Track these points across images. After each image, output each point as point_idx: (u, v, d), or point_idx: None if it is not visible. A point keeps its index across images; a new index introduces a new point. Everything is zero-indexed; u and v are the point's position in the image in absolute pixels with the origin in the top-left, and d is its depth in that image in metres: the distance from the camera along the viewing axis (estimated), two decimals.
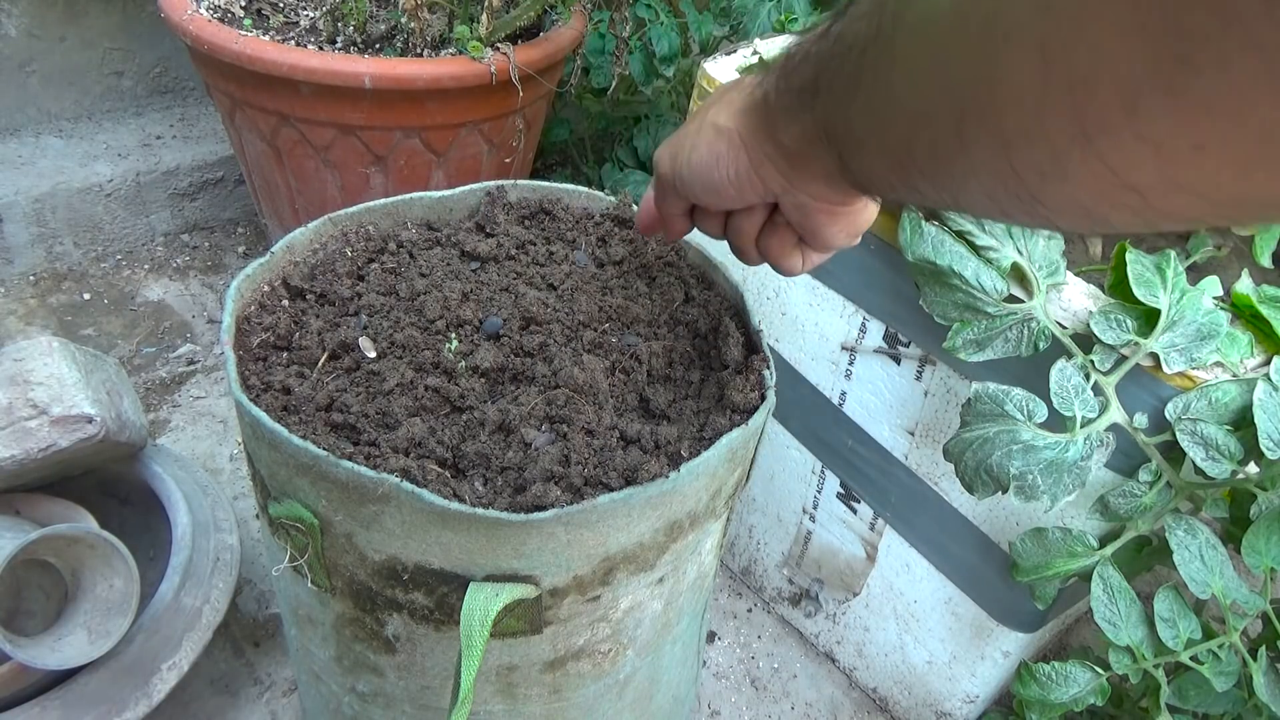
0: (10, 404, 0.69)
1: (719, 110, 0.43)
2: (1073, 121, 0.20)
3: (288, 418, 0.48)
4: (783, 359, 0.86)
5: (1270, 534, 0.62)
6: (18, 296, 1.31)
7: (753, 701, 0.93)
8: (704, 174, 0.44)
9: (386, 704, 0.55)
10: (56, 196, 1.33)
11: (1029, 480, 0.61)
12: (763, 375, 0.53)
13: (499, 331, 0.55)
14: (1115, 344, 0.62)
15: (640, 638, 0.54)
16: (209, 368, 1.24)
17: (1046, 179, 0.23)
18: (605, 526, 0.45)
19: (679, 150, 0.46)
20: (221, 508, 0.86)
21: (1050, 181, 0.23)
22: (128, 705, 0.69)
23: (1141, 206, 0.21)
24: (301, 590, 0.52)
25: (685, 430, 0.51)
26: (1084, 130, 0.20)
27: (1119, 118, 0.19)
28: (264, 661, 0.88)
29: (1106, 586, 0.67)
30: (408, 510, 0.43)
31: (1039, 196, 0.24)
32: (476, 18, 1.08)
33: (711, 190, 0.44)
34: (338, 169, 1.09)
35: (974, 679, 0.83)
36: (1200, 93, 0.18)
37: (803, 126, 0.37)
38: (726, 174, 0.43)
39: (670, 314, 0.59)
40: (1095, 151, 0.21)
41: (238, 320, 0.54)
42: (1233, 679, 0.66)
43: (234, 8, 1.12)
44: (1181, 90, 0.18)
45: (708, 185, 0.44)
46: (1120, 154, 0.20)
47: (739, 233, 0.47)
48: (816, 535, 0.91)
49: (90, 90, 1.48)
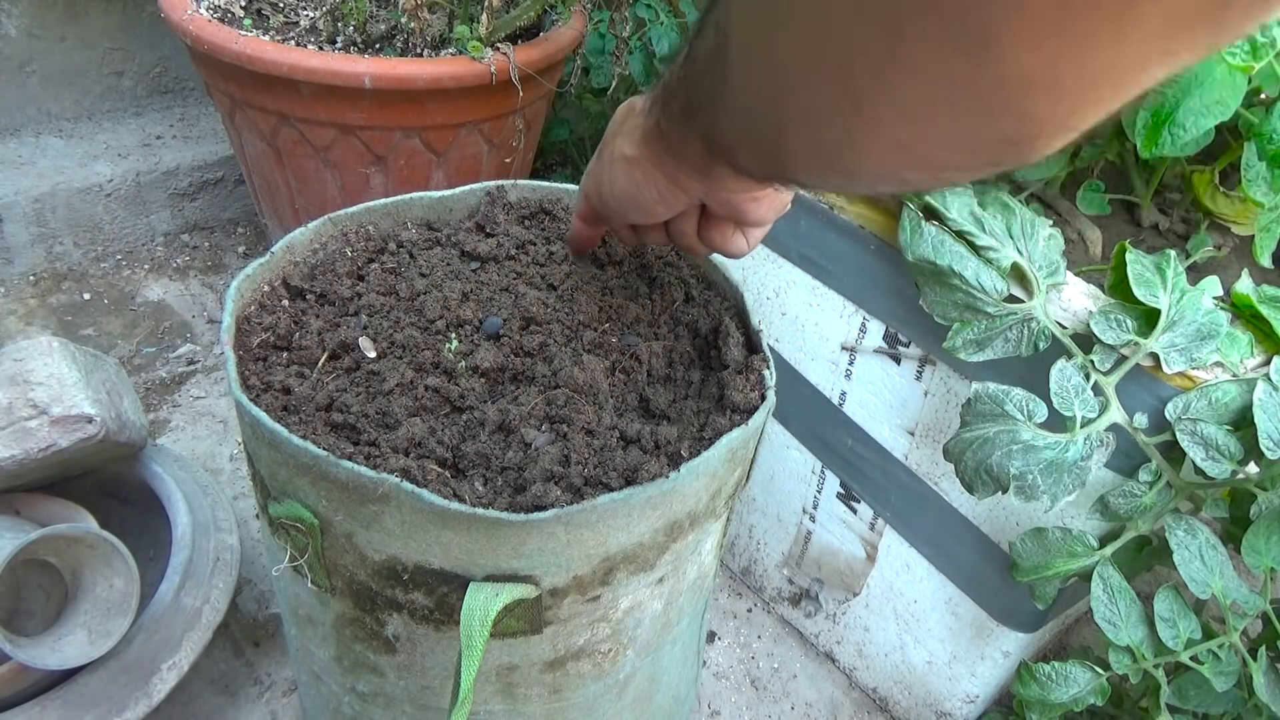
0: (10, 404, 0.69)
1: (623, 141, 0.45)
2: (843, 96, 0.24)
3: (288, 418, 0.48)
4: (783, 359, 0.86)
5: (1270, 534, 0.62)
6: (18, 296, 1.31)
7: (753, 701, 0.93)
8: (630, 199, 0.47)
9: (386, 704, 0.55)
10: (56, 196, 1.33)
11: (1029, 480, 0.61)
12: (763, 375, 0.53)
13: (499, 331, 0.55)
14: (1115, 344, 0.62)
15: (640, 638, 0.54)
16: (209, 368, 1.24)
17: (847, 148, 0.27)
18: (605, 526, 0.45)
19: (601, 182, 0.49)
20: (221, 508, 0.86)
21: (853, 150, 0.27)
22: (128, 705, 0.69)
23: (912, 149, 0.25)
24: (301, 590, 0.52)
25: (685, 430, 0.51)
26: (853, 102, 0.24)
27: (871, 86, 0.23)
28: (264, 661, 0.88)
29: (1106, 586, 0.67)
30: (408, 510, 0.43)
31: (852, 171, 0.28)
32: (476, 18, 1.08)
33: (642, 211, 0.47)
34: (338, 169, 1.09)
35: (974, 679, 0.83)
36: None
37: (695, 145, 0.39)
38: (650, 195, 0.45)
39: (670, 314, 0.59)
40: (865, 118, 0.24)
41: (238, 320, 0.54)
42: (1233, 679, 0.66)
43: (234, 8, 1.12)
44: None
45: (638, 207, 0.47)
46: (881, 116, 0.24)
47: (681, 235, 0.50)
48: (816, 535, 0.91)
49: (90, 90, 1.48)
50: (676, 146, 0.41)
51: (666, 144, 0.42)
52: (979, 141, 0.24)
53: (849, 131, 0.25)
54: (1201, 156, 0.74)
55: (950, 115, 0.23)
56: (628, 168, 0.45)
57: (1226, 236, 0.76)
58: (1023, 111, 0.22)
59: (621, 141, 0.46)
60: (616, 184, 0.47)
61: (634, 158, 0.45)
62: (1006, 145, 0.23)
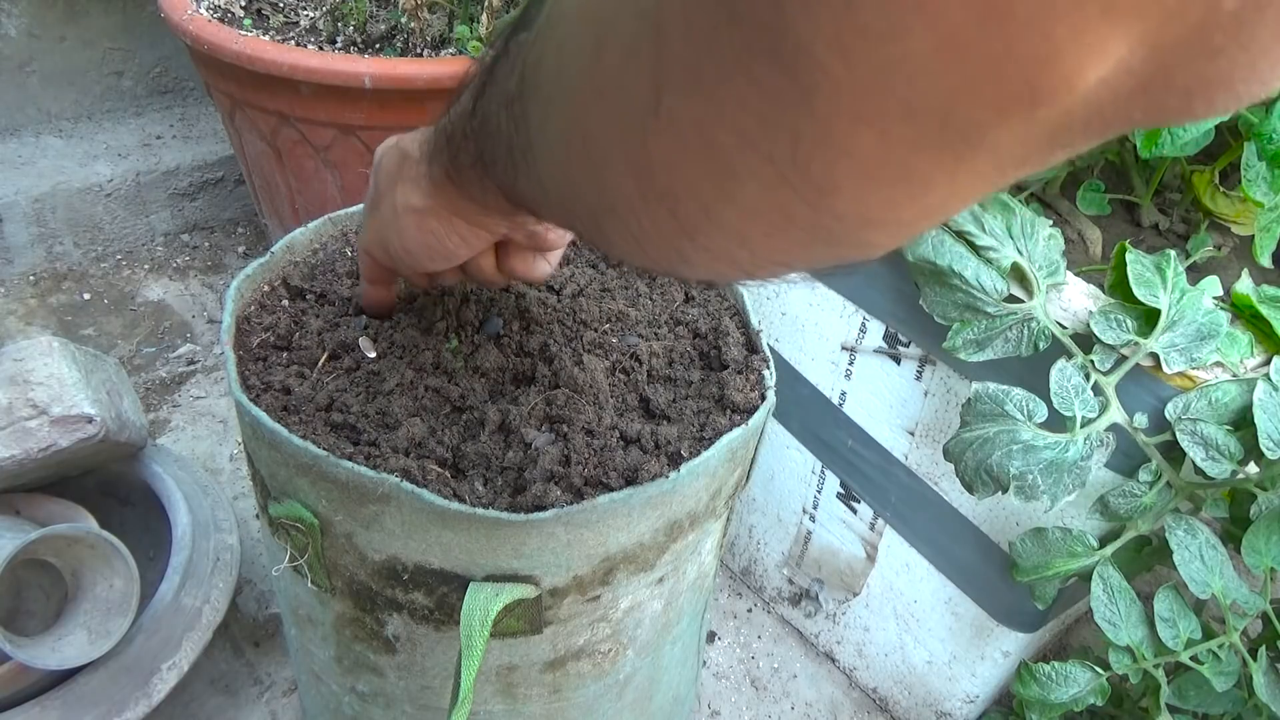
0: (10, 404, 0.69)
1: (406, 191, 0.42)
2: (671, 223, 0.23)
3: (288, 418, 0.48)
4: (783, 359, 0.86)
5: (1270, 534, 0.62)
6: (18, 296, 1.31)
7: (753, 701, 0.93)
8: (427, 252, 0.44)
9: (386, 704, 0.55)
10: (56, 196, 1.33)
11: (1029, 480, 0.61)
12: (763, 375, 0.53)
13: (499, 332, 0.55)
14: (1115, 344, 0.62)
15: (640, 638, 0.54)
16: (209, 368, 1.24)
17: (674, 263, 0.26)
18: (605, 526, 0.45)
19: (387, 239, 0.45)
20: (221, 508, 0.86)
21: (676, 265, 0.26)
22: (128, 705, 0.69)
23: (748, 265, 0.25)
24: (301, 590, 0.52)
25: (685, 430, 0.51)
26: (685, 230, 0.23)
27: (703, 221, 0.23)
28: (264, 661, 0.88)
29: (1106, 586, 0.67)
30: (408, 510, 0.43)
31: (681, 269, 0.26)
32: (476, 17, 1.08)
33: (442, 259, 0.44)
34: (338, 169, 1.09)
35: (974, 679, 0.83)
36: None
37: (494, 194, 0.36)
38: (450, 243, 0.43)
39: (670, 314, 0.59)
40: (699, 245, 0.24)
41: (238, 320, 0.54)
42: (1233, 679, 0.66)
43: (234, 8, 1.12)
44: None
45: (437, 257, 0.44)
46: (714, 243, 0.23)
47: (480, 271, 0.48)
48: (816, 535, 0.91)
49: (90, 90, 1.48)
50: (473, 193, 0.38)
51: (463, 191, 0.39)
52: (818, 259, 0.24)
53: (679, 250, 0.24)
54: (1201, 156, 0.74)
55: (787, 243, 0.22)
56: (419, 219, 0.42)
57: (1226, 236, 0.76)
58: (863, 241, 0.22)
59: (405, 192, 0.42)
60: (408, 238, 0.43)
61: (426, 208, 0.41)
62: (848, 259, 0.23)
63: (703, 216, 0.22)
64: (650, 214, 0.24)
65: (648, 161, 0.22)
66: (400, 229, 0.43)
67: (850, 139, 0.18)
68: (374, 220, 0.46)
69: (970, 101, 0.16)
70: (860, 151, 0.18)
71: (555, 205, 0.31)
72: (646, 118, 0.21)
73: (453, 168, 0.38)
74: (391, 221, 0.43)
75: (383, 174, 0.44)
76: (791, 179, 0.19)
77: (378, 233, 0.46)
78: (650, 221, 0.24)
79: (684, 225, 0.23)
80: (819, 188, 0.19)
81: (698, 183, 0.21)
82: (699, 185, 0.21)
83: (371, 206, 0.46)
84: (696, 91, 0.19)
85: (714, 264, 0.24)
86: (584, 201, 0.27)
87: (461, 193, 0.39)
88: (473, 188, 0.37)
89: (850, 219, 0.20)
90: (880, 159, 0.18)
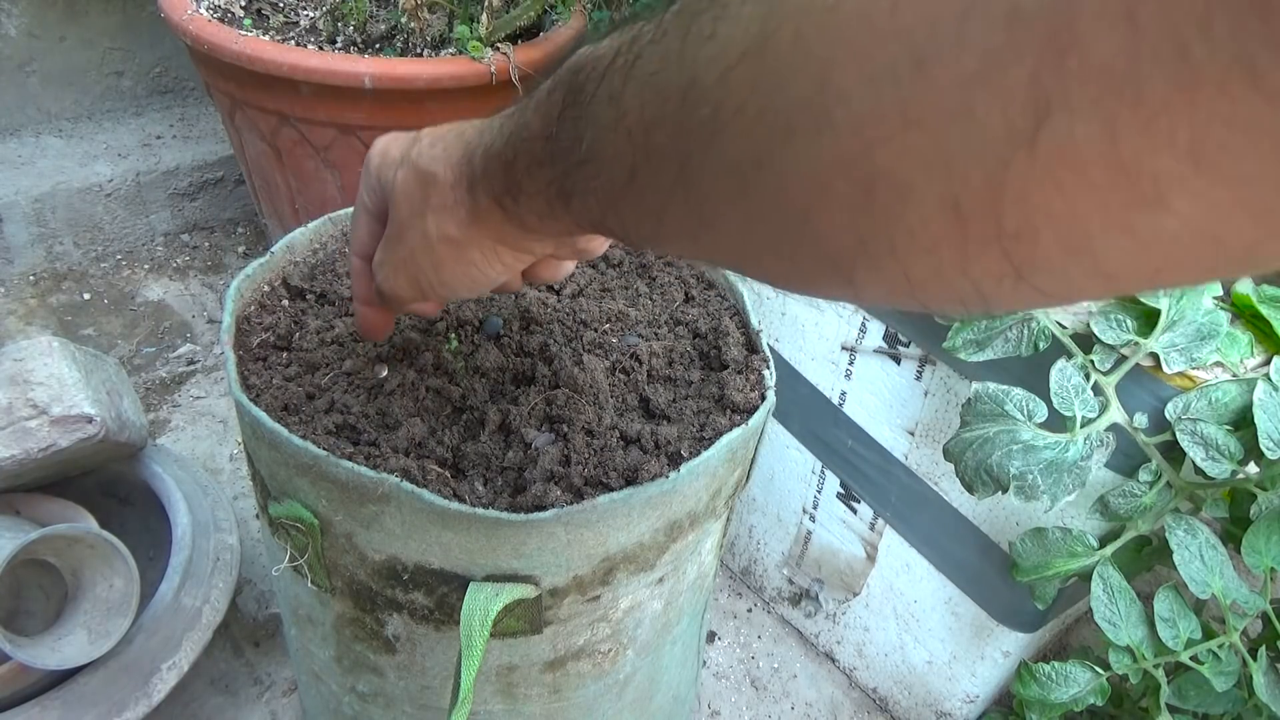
0: (10, 404, 0.69)
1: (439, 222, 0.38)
2: (1005, 265, 0.20)
3: (288, 418, 0.48)
4: (783, 359, 0.86)
5: (1270, 534, 0.62)
6: (18, 296, 1.31)
7: (753, 701, 0.93)
8: (466, 282, 0.40)
9: (386, 704, 0.55)
10: (56, 196, 1.33)
11: (1029, 480, 0.61)
12: (763, 375, 0.53)
13: (499, 332, 0.55)
14: (1115, 344, 0.62)
15: (640, 638, 0.54)
16: (209, 368, 1.24)
17: (967, 302, 0.22)
18: (605, 526, 0.45)
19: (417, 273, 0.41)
20: (221, 508, 0.86)
21: (974, 303, 0.22)
22: (128, 705, 0.69)
23: (1090, 294, 0.21)
24: (301, 590, 0.52)
25: (685, 430, 0.51)
26: (1017, 271, 0.20)
27: (1062, 258, 0.19)
28: (264, 661, 0.88)
29: (1106, 586, 0.67)
30: (408, 510, 0.43)
31: (972, 307, 0.23)
32: (476, 18, 1.08)
33: (483, 286, 0.41)
34: (338, 169, 1.09)
35: (974, 679, 0.83)
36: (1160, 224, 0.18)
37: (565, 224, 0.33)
38: (491, 272, 0.40)
39: (670, 314, 0.59)
40: (1030, 284, 0.20)
41: (238, 320, 0.54)
42: (1233, 679, 0.66)
43: (234, 8, 1.12)
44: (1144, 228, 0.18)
45: (476, 287, 0.41)
46: (1060, 281, 0.20)
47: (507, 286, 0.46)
48: (816, 535, 0.91)
49: (90, 90, 1.48)
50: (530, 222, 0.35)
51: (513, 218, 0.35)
52: (1204, 276, 0.20)
53: (989, 291, 0.21)
54: None
55: (1181, 264, 0.19)
56: (456, 250, 0.38)
57: None
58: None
59: (438, 223, 0.38)
60: (445, 270, 0.39)
61: (466, 238, 0.38)
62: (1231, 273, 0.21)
63: (1062, 255, 0.19)
64: (964, 255, 0.20)
65: (992, 198, 0.18)
66: (436, 262, 0.39)
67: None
68: (397, 253, 0.41)
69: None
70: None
71: (706, 244, 0.27)
72: (1013, 148, 0.17)
73: (508, 196, 0.34)
74: (424, 254, 0.39)
75: (401, 199, 0.39)
76: (1270, 202, 0.16)
77: (404, 266, 0.41)
78: (955, 264, 0.20)
79: (1019, 266, 0.19)
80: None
81: (1080, 220, 0.18)
82: (1081, 223, 0.18)
83: (395, 240, 0.41)
84: (1126, 110, 0.16)
85: (1030, 301, 0.21)
86: (801, 246, 0.23)
87: (510, 219, 0.35)
88: (531, 216, 0.34)
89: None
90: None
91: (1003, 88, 0.17)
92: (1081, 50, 0.15)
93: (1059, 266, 0.19)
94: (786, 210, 0.22)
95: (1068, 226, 0.18)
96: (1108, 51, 0.15)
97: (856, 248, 0.21)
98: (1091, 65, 0.15)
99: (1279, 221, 0.16)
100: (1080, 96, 0.16)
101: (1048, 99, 0.16)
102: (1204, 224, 0.16)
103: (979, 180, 0.18)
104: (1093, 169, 0.16)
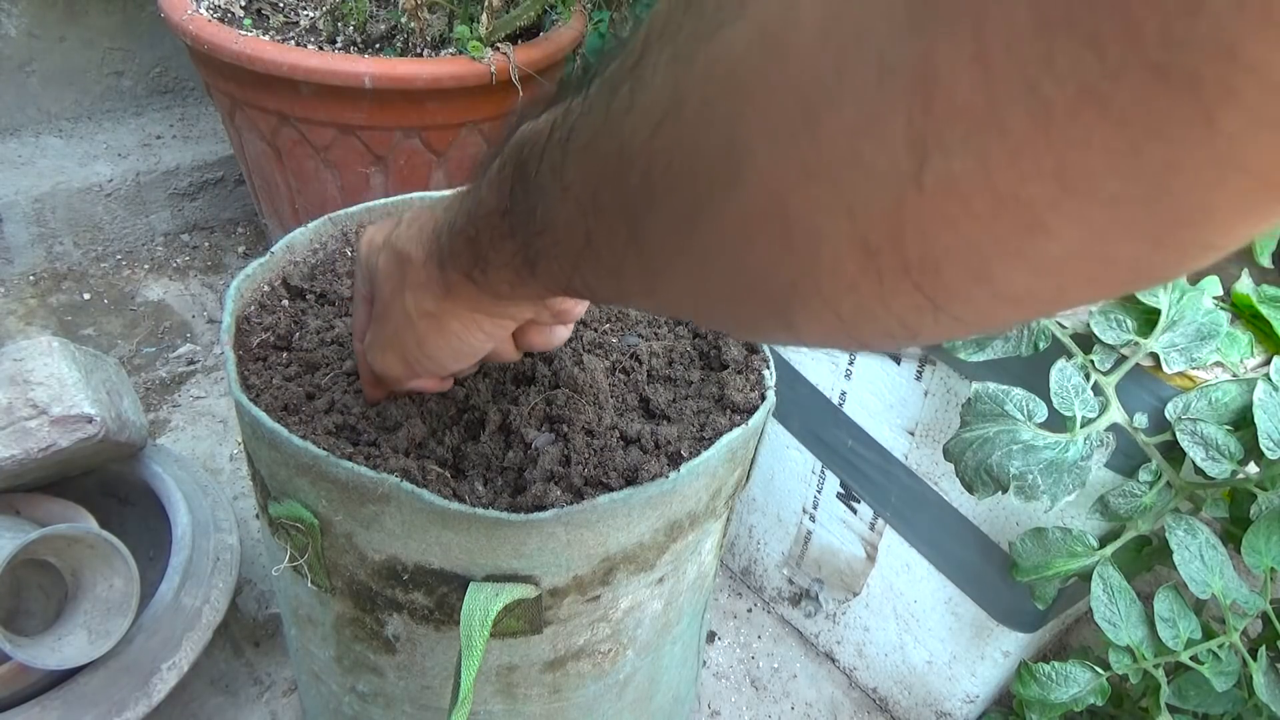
0: (10, 404, 0.69)
1: (416, 298, 0.39)
2: (920, 297, 0.20)
3: (288, 418, 0.48)
4: (783, 359, 0.86)
5: (1270, 534, 0.62)
6: (18, 296, 1.31)
7: (753, 701, 0.93)
8: (452, 354, 0.42)
9: (386, 704, 0.55)
10: (56, 196, 1.33)
11: (1029, 480, 0.61)
12: (763, 375, 0.53)
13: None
14: (1115, 344, 0.62)
15: (640, 638, 0.54)
16: (209, 368, 1.24)
17: (896, 337, 0.23)
18: (605, 526, 0.45)
19: (403, 350, 0.42)
20: (221, 508, 0.86)
21: (903, 337, 0.23)
22: (128, 705, 0.69)
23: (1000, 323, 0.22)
24: (301, 590, 0.52)
25: (685, 430, 0.51)
26: (933, 302, 0.20)
27: (968, 287, 0.20)
28: (264, 661, 0.88)
29: (1106, 586, 0.67)
30: (408, 510, 0.43)
31: (901, 341, 0.24)
32: (476, 17, 1.08)
33: (468, 357, 0.42)
34: (338, 169, 1.09)
35: (974, 679, 0.83)
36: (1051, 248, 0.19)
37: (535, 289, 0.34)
38: (473, 340, 0.41)
39: None
40: (948, 314, 0.21)
41: (238, 320, 0.54)
42: (1233, 679, 0.66)
43: (234, 8, 1.12)
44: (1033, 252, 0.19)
45: (461, 357, 0.42)
46: (974, 309, 0.21)
47: (500, 356, 0.46)
48: (816, 535, 0.91)
49: (90, 90, 1.48)
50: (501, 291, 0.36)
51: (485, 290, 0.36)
52: (1097, 297, 0.22)
53: (911, 325, 0.22)
54: None
55: (1081, 292, 0.20)
56: (436, 324, 0.40)
57: None
58: (1173, 272, 0.19)
59: (415, 299, 0.39)
60: (428, 344, 0.41)
61: (442, 311, 0.39)
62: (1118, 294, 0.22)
63: (968, 284, 0.19)
64: (881, 290, 0.21)
65: (894, 235, 0.19)
66: (419, 337, 0.41)
67: (1253, 152, 0.15)
68: (384, 331, 0.43)
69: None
70: (1259, 165, 0.15)
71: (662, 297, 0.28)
72: (902, 188, 0.18)
73: (476, 269, 0.35)
74: (407, 330, 0.41)
75: (383, 280, 0.41)
76: (1140, 217, 0.16)
77: (391, 344, 0.43)
78: (876, 299, 0.21)
79: (933, 297, 0.20)
80: (1182, 219, 0.17)
81: (975, 249, 0.18)
82: (977, 251, 0.18)
83: (378, 320, 0.43)
84: (994, 144, 0.16)
85: (953, 331, 0.22)
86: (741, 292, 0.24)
87: (483, 290, 0.36)
88: (501, 286, 0.35)
89: (1198, 247, 0.18)
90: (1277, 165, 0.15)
91: (884, 134, 0.18)
92: (944, 94, 0.16)
93: (968, 295, 0.20)
94: (723, 260, 0.24)
95: (965, 256, 0.19)
96: (966, 93, 0.16)
97: (789, 290, 0.22)
98: (956, 106, 0.16)
99: (1156, 235, 0.17)
100: (950, 135, 0.17)
101: (924, 140, 0.17)
102: (1087, 245, 0.17)
103: (880, 219, 0.19)
104: (975, 201, 0.17)
